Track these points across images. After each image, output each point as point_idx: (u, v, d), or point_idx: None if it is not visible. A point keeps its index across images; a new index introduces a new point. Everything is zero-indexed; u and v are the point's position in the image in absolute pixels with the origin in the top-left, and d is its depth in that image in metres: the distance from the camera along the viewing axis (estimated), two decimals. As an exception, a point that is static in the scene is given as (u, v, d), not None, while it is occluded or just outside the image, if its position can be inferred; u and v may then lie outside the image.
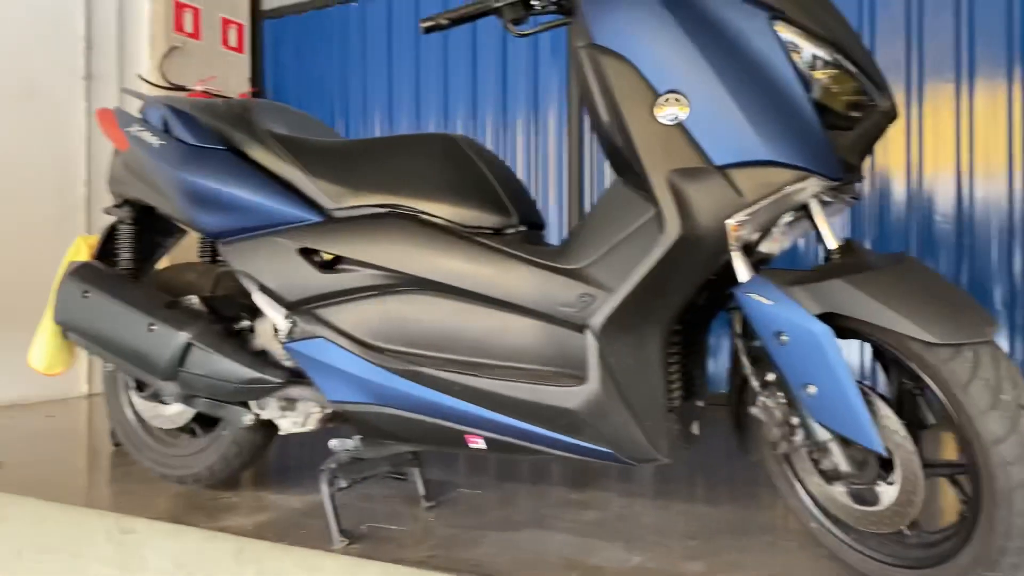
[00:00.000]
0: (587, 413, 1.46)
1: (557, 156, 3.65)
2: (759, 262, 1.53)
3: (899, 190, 2.99)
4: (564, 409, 1.48)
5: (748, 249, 1.45)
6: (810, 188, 1.32)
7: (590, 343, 1.45)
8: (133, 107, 2.51)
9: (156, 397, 2.04)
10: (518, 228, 1.68)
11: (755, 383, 1.44)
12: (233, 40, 4.32)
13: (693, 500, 1.97)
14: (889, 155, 2.99)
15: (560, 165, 3.64)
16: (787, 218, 1.46)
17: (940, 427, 1.34)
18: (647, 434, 1.46)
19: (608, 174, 3.55)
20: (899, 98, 2.97)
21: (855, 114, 1.36)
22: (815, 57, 1.31)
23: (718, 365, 3.33)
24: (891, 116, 1.38)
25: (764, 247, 1.48)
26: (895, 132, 2.96)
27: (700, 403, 1.66)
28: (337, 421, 1.90)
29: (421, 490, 1.92)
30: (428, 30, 1.58)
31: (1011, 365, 1.23)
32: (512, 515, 1.85)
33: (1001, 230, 2.84)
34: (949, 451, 2.29)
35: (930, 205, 2.94)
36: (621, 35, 1.38)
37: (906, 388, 1.37)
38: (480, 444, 1.59)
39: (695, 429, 1.63)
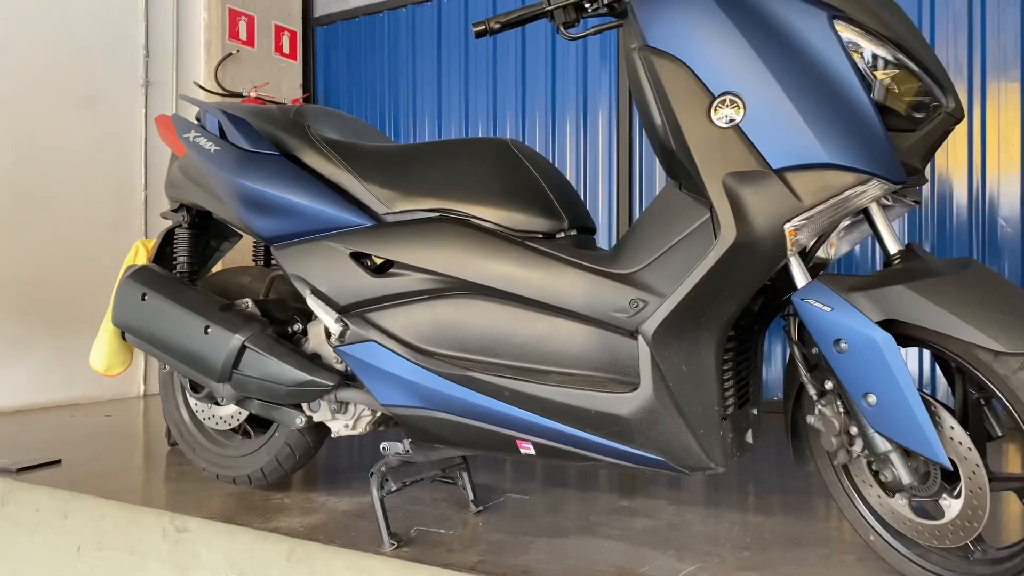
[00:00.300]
0: (639, 420, 1.45)
1: (606, 159, 3.63)
2: (815, 268, 1.50)
3: (961, 193, 2.90)
4: (616, 416, 1.46)
5: (805, 254, 1.42)
6: (871, 192, 1.29)
7: (642, 349, 1.43)
8: (190, 113, 2.56)
9: (210, 398, 2.08)
10: (569, 233, 1.67)
11: (812, 391, 1.41)
12: (286, 47, 4.40)
13: (746, 509, 1.93)
14: (950, 157, 2.91)
15: (609, 168, 3.62)
16: (846, 222, 1.42)
17: (1007, 439, 1.29)
18: (700, 442, 1.44)
19: (658, 178, 3.52)
20: (961, 97, 2.88)
21: (918, 115, 1.31)
22: (876, 57, 1.28)
23: (770, 372, 3.27)
24: (957, 117, 1.33)
25: (821, 252, 1.45)
26: (957, 133, 2.87)
27: (754, 411, 1.63)
28: (387, 424, 1.92)
29: (470, 494, 1.92)
30: (479, 34, 1.58)
31: (1086, 376, 1.18)
32: (561, 521, 1.84)
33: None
34: (1015, 463, 2.21)
35: (994, 208, 2.85)
36: (675, 36, 1.36)
37: (972, 398, 1.32)
38: (530, 449, 1.59)
39: (749, 438, 1.59)
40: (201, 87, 3.78)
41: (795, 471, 2.30)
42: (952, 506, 1.30)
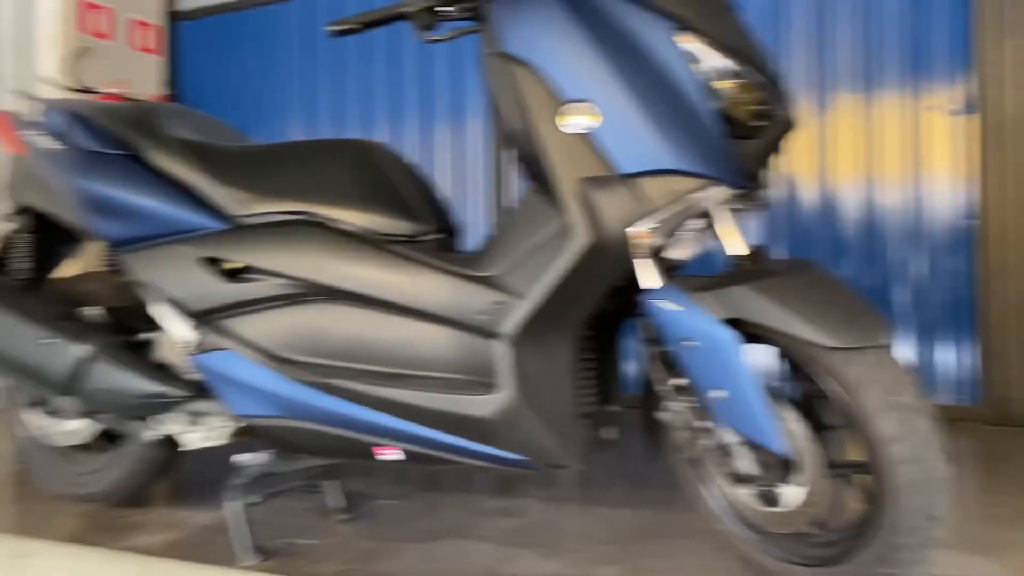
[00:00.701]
0: (499, 421, 1.46)
1: (480, 162, 3.64)
2: (672, 268, 1.55)
3: (810, 197, 3.07)
4: (476, 418, 1.47)
5: (658, 256, 1.47)
6: (714, 196, 1.34)
7: (502, 351, 1.44)
8: (35, 110, 2.39)
9: (56, 413, 1.96)
10: (432, 236, 1.66)
11: (662, 388, 1.46)
12: (147, 41, 4.19)
13: (614, 504, 1.98)
14: (800, 163, 3.08)
15: (483, 171, 3.63)
16: (695, 224, 1.47)
17: (843, 428, 1.37)
18: (558, 440, 1.46)
19: (532, 180, 3.55)
20: (809, 108, 3.05)
21: (759, 123, 1.38)
22: (717, 68, 1.34)
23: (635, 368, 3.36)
24: (793, 125, 1.41)
25: (674, 253, 1.50)
26: (807, 141, 3.05)
27: (614, 407, 1.67)
28: (248, 435, 1.85)
29: (339, 502, 1.89)
30: (337, 34, 1.55)
31: (904, 368, 1.27)
32: (433, 525, 1.83)
33: (904, 235, 2.95)
34: (850, 451, 2.36)
35: (838, 212, 3.04)
36: (528, 43, 1.38)
37: (810, 391, 1.40)
38: (393, 455, 1.57)
39: (610, 434, 1.63)
40: (47, 82, 3.55)
41: (662, 465, 2.37)
42: (793, 494, 1.37)
